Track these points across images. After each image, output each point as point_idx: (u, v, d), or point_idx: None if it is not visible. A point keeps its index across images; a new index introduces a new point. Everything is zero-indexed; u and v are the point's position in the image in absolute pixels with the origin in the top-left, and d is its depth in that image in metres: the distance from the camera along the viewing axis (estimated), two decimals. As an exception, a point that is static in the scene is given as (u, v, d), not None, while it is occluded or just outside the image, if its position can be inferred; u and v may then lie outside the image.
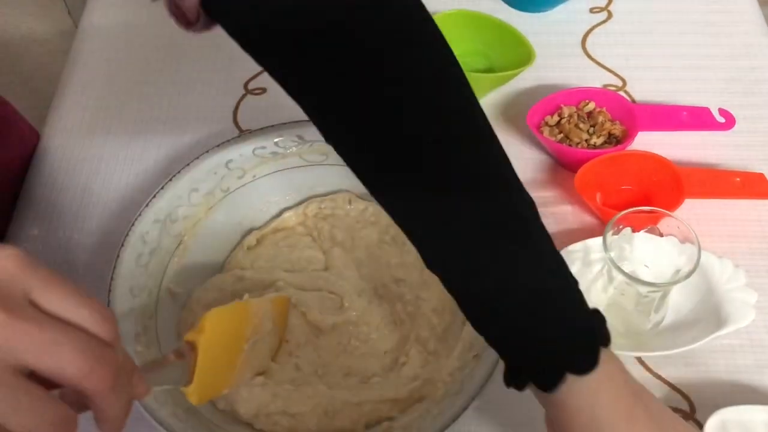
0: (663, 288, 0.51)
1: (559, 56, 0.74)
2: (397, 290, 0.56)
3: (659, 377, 0.54)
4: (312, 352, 0.53)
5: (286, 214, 0.60)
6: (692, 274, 0.49)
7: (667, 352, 0.53)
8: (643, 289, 0.51)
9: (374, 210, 0.60)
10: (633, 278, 0.50)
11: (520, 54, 0.68)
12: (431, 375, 0.52)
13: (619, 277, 0.51)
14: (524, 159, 0.66)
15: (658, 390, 0.53)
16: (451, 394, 0.48)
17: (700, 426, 0.51)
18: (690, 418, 0.52)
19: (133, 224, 0.53)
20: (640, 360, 0.55)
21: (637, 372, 0.54)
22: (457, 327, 0.54)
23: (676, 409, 0.52)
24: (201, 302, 0.55)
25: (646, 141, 0.64)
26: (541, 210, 0.62)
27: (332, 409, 0.50)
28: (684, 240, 0.51)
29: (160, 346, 0.51)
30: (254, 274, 0.57)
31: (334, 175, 0.60)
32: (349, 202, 0.60)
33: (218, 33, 0.78)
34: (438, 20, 0.69)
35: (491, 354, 0.48)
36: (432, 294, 0.55)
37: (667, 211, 0.52)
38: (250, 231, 0.60)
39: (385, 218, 0.59)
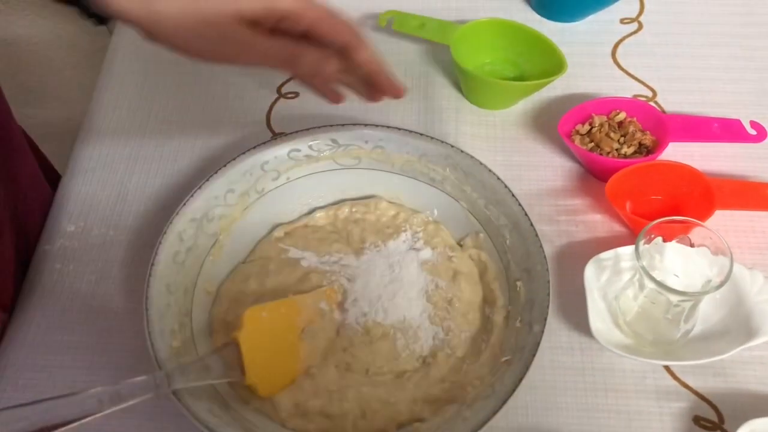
0: (694, 298, 0.51)
1: (590, 66, 0.74)
2: (430, 296, 0.56)
3: (687, 386, 0.54)
4: (369, 354, 0.53)
5: (317, 214, 0.61)
6: (724, 284, 0.49)
7: (696, 362, 0.53)
8: (674, 298, 0.51)
9: (405, 216, 0.61)
10: (665, 287, 0.50)
11: (552, 63, 0.69)
12: (459, 379, 0.52)
13: (650, 286, 0.51)
14: (554, 167, 0.67)
15: (686, 399, 0.54)
16: (482, 397, 0.48)
17: (729, 437, 0.51)
18: (718, 428, 0.52)
19: (170, 222, 0.55)
20: (668, 369, 0.55)
21: (665, 380, 0.54)
22: (485, 333, 0.55)
23: (704, 419, 0.53)
24: (228, 294, 0.56)
25: (676, 152, 0.64)
26: (571, 218, 0.63)
27: (370, 410, 0.50)
28: (716, 250, 0.52)
29: (195, 342, 0.52)
30: (281, 264, 0.58)
31: (366, 179, 0.61)
32: (381, 208, 0.61)
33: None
34: (470, 28, 0.71)
35: (522, 359, 0.48)
36: (462, 299, 0.56)
37: (700, 222, 0.52)
38: (278, 225, 0.61)
39: (416, 224, 0.60)
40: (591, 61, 0.75)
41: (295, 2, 0.47)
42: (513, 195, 0.56)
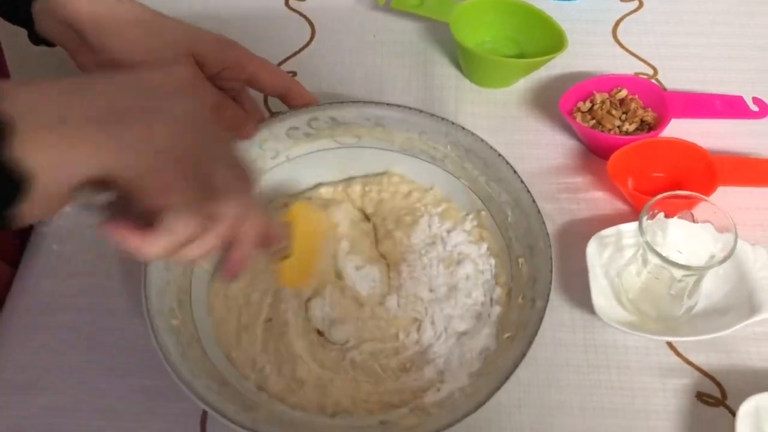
0: (698, 272, 0.51)
1: (590, 44, 0.74)
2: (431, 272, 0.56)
3: (690, 363, 0.54)
4: (340, 332, 0.53)
5: (322, 189, 0.60)
6: (729, 258, 0.49)
7: (699, 338, 0.53)
8: (678, 273, 0.50)
9: (419, 195, 0.60)
10: (669, 261, 0.49)
11: (552, 40, 0.68)
12: (461, 355, 0.52)
13: (654, 261, 0.51)
14: (555, 145, 0.66)
15: (689, 375, 0.53)
16: (485, 373, 0.48)
17: (733, 413, 0.51)
18: (721, 404, 0.52)
19: (168, 201, 0.54)
20: (671, 345, 0.55)
21: (668, 357, 0.54)
22: (485, 309, 0.54)
23: (707, 395, 0.52)
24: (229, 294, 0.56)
25: (678, 129, 0.64)
26: (573, 196, 0.63)
27: (363, 394, 0.50)
28: (719, 225, 0.51)
29: (194, 320, 0.52)
30: None
31: (367, 157, 0.61)
32: (393, 183, 0.61)
33: (249, 18, 0.79)
34: (470, 6, 0.70)
35: (525, 335, 0.48)
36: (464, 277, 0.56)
37: (704, 196, 0.52)
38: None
39: (430, 204, 0.59)
40: (591, 39, 0.74)
41: (240, 53, 0.54)
42: (514, 171, 0.55)
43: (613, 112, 0.64)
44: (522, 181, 0.55)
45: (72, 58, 0.54)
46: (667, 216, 0.53)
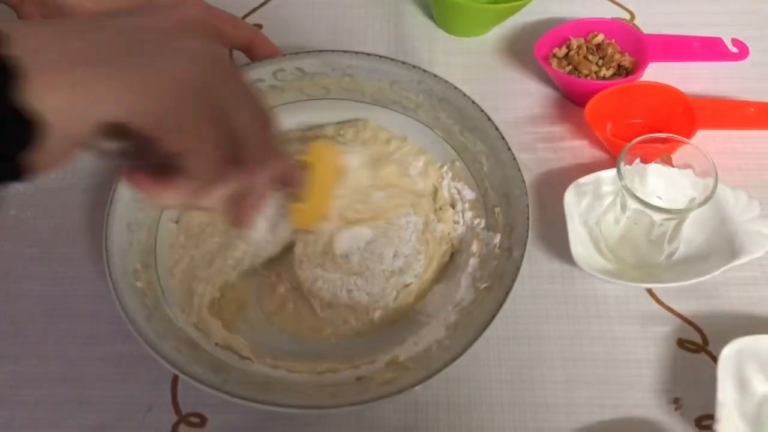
0: (678, 215, 0.49)
1: (565, -10, 0.71)
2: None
3: (671, 310, 0.53)
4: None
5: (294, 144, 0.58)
6: (709, 200, 0.48)
7: (679, 284, 0.52)
8: (658, 217, 0.49)
9: (397, 143, 0.58)
10: (649, 205, 0.48)
11: (526, -15, 0.66)
12: (436, 308, 0.51)
13: (633, 206, 0.49)
14: (531, 94, 0.64)
15: (669, 323, 0.52)
16: (462, 325, 0.47)
17: (714, 359, 0.50)
18: (703, 350, 0.51)
19: (129, 159, 0.51)
20: (651, 293, 0.54)
21: (649, 305, 0.53)
22: (461, 260, 0.53)
23: (688, 342, 0.52)
24: (190, 226, 0.54)
25: (656, 73, 0.62)
26: (549, 145, 0.61)
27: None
28: (699, 168, 0.50)
29: (160, 281, 0.50)
30: None
31: (338, 109, 0.59)
32: (370, 128, 0.58)
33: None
34: (440, -49, 0.67)
35: (503, 285, 0.47)
36: (439, 228, 0.54)
37: (683, 138, 0.50)
38: None
39: (410, 155, 0.57)
40: (567, -16, 0.72)
41: (199, 8, 0.48)
42: (489, 119, 0.53)
43: (590, 57, 0.62)
44: (497, 129, 0.53)
45: (15, 10, 0.51)
46: (645, 161, 0.52)
